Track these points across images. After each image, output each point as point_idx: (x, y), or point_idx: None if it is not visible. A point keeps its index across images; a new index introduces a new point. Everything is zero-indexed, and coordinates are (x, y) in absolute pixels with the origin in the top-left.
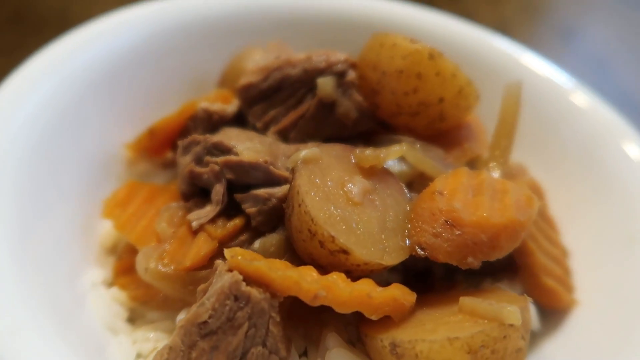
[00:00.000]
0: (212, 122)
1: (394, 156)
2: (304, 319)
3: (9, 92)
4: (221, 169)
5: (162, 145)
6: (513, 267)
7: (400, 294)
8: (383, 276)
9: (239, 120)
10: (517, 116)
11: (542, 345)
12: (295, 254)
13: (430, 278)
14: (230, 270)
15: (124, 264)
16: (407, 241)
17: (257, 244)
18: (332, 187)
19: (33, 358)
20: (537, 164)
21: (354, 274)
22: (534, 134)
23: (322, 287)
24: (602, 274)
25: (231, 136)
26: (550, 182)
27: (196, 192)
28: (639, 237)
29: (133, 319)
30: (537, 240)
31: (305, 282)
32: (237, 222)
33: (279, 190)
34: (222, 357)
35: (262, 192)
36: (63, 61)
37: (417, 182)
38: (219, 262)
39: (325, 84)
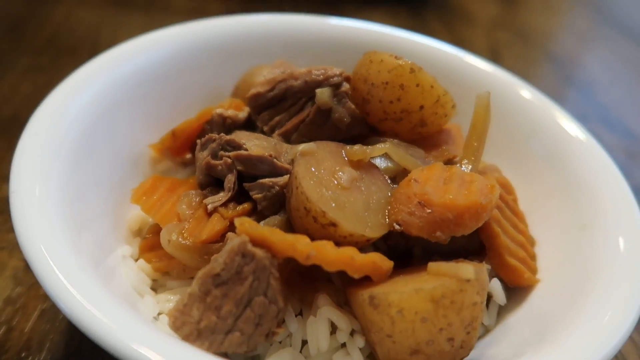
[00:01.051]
0: (226, 126)
1: (378, 152)
2: (301, 286)
3: (56, 100)
4: (233, 161)
5: (182, 146)
6: (483, 250)
7: (378, 258)
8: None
9: (249, 125)
10: (487, 121)
11: (508, 316)
12: (293, 232)
13: (410, 258)
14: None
15: (148, 243)
16: (386, 219)
17: (262, 224)
18: (324, 174)
19: (83, 295)
20: (510, 168)
21: (341, 245)
22: (506, 142)
23: (313, 248)
24: (560, 256)
25: (242, 136)
26: (521, 182)
27: (211, 182)
28: (589, 225)
29: (155, 288)
30: (503, 226)
31: (300, 244)
32: (245, 206)
33: (282, 179)
34: (231, 303)
35: (267, 181)
36: (99, 75)
37: (400, 176)
38: (230, 233)
39: (323, 94)
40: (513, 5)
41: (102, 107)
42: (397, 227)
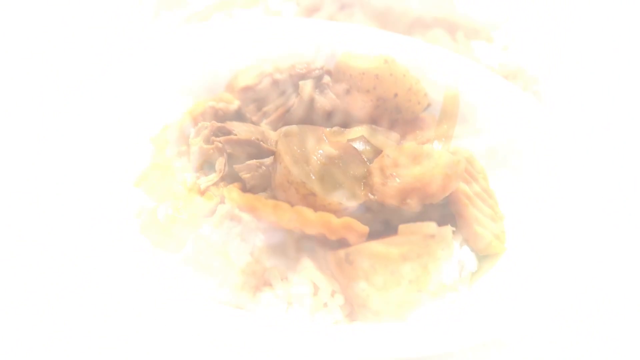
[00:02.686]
0: (218, 117)
1: (355, 134)
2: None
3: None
4: (223, 145)
5: (178, 138)
6: (455, 223)
7: (353, 222)
8: None
9: (239, 117)
10: (455, 107)
11: (478, 280)
12: None
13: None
14: None
15: (147, 222)
16: (362, 191)
17: None
18: (305, 152)
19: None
20: (483, 156)
21: None
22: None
23: (294, 212)
24: (526, 227)
25: (232, 125)
26: (493, 166)
27: (204, 166)
28: (548, 200)
29: None
30: (471, 199)
31: (282, 209)
32: (235, 185)
33: (267, 160)
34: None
35: (254, 162)
36: (105, 76)
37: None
38: (220, 205)
39: (306, 86)
40: None
41: (109, 103)
42: (371, 196)
